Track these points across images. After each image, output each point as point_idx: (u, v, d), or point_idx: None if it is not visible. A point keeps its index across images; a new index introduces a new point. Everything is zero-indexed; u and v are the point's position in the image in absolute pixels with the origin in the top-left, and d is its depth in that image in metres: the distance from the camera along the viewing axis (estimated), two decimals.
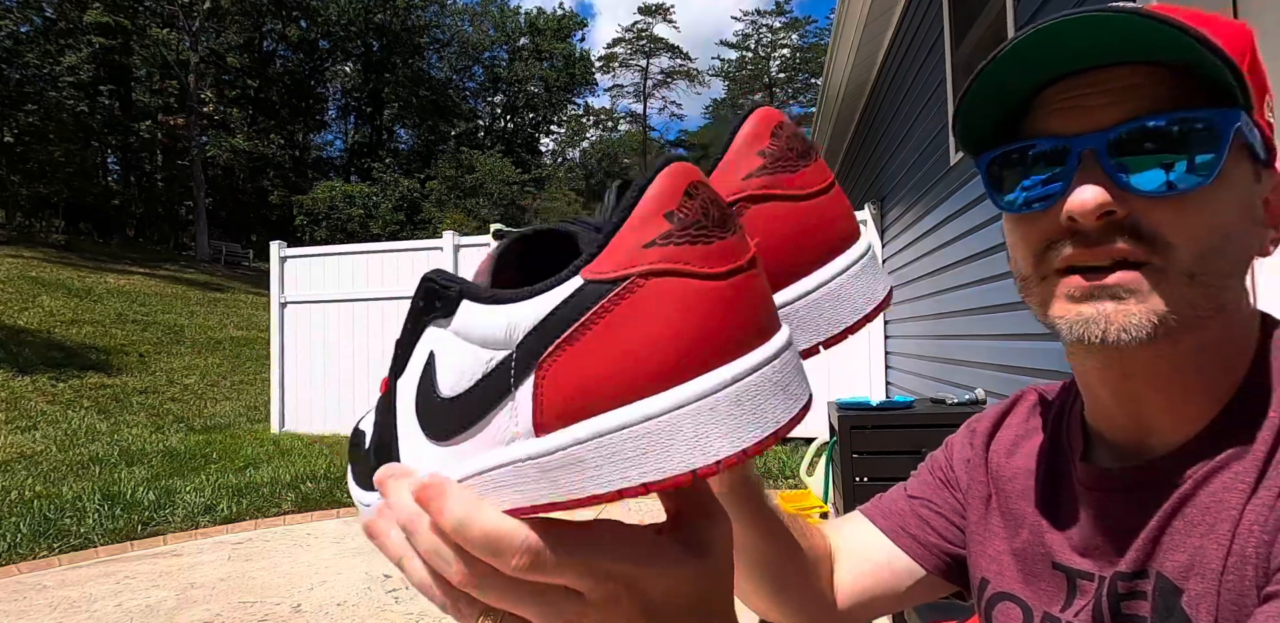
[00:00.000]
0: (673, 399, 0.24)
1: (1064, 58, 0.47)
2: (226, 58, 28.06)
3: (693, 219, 0.25)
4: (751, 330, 0.26)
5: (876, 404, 2.99)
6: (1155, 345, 0.46)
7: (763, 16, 46.03)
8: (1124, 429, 0.54)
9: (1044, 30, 0.45)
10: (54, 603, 3.03)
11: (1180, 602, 0.45)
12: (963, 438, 0.71)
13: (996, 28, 3.19)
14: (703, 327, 0.24)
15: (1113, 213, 0.45)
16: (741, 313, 0.25)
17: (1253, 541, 0.42)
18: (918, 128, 4.68)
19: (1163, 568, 0.47)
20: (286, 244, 7.25)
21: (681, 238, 0.25)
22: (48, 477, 5.15)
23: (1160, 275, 0.45)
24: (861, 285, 0.40)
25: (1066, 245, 0.47)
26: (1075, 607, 0.54)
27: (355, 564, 3.43)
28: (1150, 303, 0.45)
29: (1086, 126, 0.47)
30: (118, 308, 12.24)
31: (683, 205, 0.25)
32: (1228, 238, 0.46)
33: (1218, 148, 0.44)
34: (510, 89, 39.03)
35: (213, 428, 7.40)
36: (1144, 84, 0.46)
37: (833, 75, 6.54)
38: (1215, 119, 0.44)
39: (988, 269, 3.29)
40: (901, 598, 0.70)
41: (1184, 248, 0.45)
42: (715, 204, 0.26)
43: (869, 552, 0.70)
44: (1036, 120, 0.50)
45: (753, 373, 0.25)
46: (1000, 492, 0.64)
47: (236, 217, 30.44)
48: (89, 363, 9.11)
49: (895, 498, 0.73)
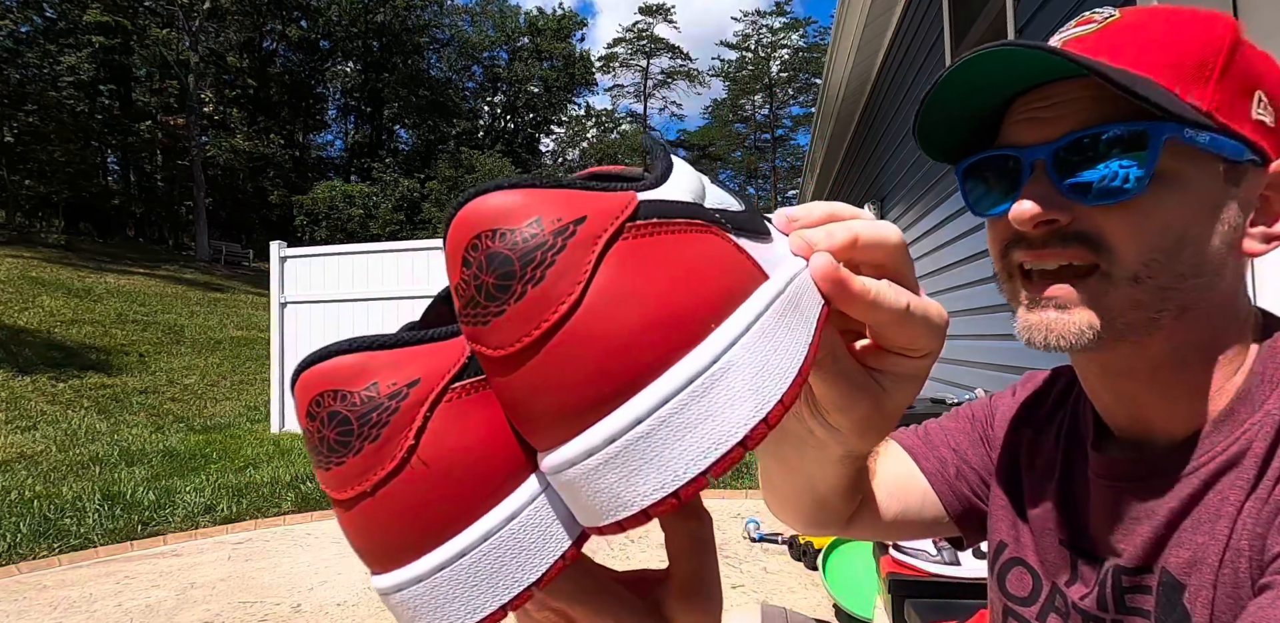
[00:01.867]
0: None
1: (1003, 82, 0.51)
2: (226, 58, 28.05)
3: (313, 443, 0.25)
4: (391, 549, 0.25)
5: None
6: (1119, 347, 0.49)
7: (763, 17, 46.07)
8: (1126, 424, 0.55)
9: (965, 61, 0.49)
10: (54, 603, 3.03)
11: (1182, 597, 0.46)
12: (1007, 400, 0.73)
13: (996, 27, 3.19)
14: (354, 549, 0.26)
15: (1054, 221, 0.49)
16: (372, 537, 0.25)
17: (1246, 534, 0.43)
18: None
19: (1167, 564, 0.48)
20: (286, 244, 7.24)
21: (312, 458, 0.26)
22: (48, 477, 5.14)
23: (1105, 279, 0.48)
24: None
25: (1018, 249, 0.52)
26: (1079, 588, 0.55)
27: (355, 564, 3.43)
28: (1091, 311, 0.48)
29: (1038, 138, 0.50)
30: (118, 308, 12.24)
31: (306, 426, 0.25)
32: (1181, 240, 0.47)
33: (1147, 159, 0.46)
34: (510, 89, 39.02)
35: (213, 428, 7.40)
36: (1089, 97, 0.49)
37: (833, 75, 6.53)
38: (1145, 130, 0.46)
39: (988, 269, 3.29)
40: (914, 530, 0.73)
41: (1126, 251, 0.47)
42: (331, 425, 0.25)
43: (909, 487, 0.72)
44: (1004, 129, 0.54)
45: (399, 591, 0.25)
46: (1026, 464, 0.66)
47: (236, 217, 30.43)
48: (89, 363, 9.11)
49: (936, 443, 0.75)
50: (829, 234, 0.30)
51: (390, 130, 36.72)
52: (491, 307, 0.23)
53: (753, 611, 0.87)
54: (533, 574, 0.25)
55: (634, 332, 0.23)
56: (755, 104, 46.36)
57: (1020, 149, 0.51)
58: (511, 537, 0.25)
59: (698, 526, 0.31)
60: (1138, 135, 0.46)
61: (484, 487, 0.25)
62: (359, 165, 33.48)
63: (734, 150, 46.81)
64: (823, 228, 0.30)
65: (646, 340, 0.23)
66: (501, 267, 0.23)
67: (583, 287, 0.23)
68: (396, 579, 0.25)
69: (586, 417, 0.23)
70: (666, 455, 0.23)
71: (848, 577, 2.59)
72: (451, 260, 0.24)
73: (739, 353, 0.24)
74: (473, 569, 0.25)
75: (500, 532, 0.25)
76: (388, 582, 0.25)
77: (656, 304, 0.23)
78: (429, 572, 0.25)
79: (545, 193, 0.24)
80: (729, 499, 4.45)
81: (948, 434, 0.75)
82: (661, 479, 0.23)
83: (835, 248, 0.29)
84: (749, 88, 45.76)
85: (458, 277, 0.24)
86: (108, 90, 23.82)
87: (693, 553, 0.31)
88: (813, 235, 0.30)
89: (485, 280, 0.23)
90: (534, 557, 0.25)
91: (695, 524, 0.31)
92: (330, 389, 0.25)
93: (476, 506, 0.25)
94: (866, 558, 2.54)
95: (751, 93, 45.73)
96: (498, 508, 0.25)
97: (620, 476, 0.23)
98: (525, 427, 0.24)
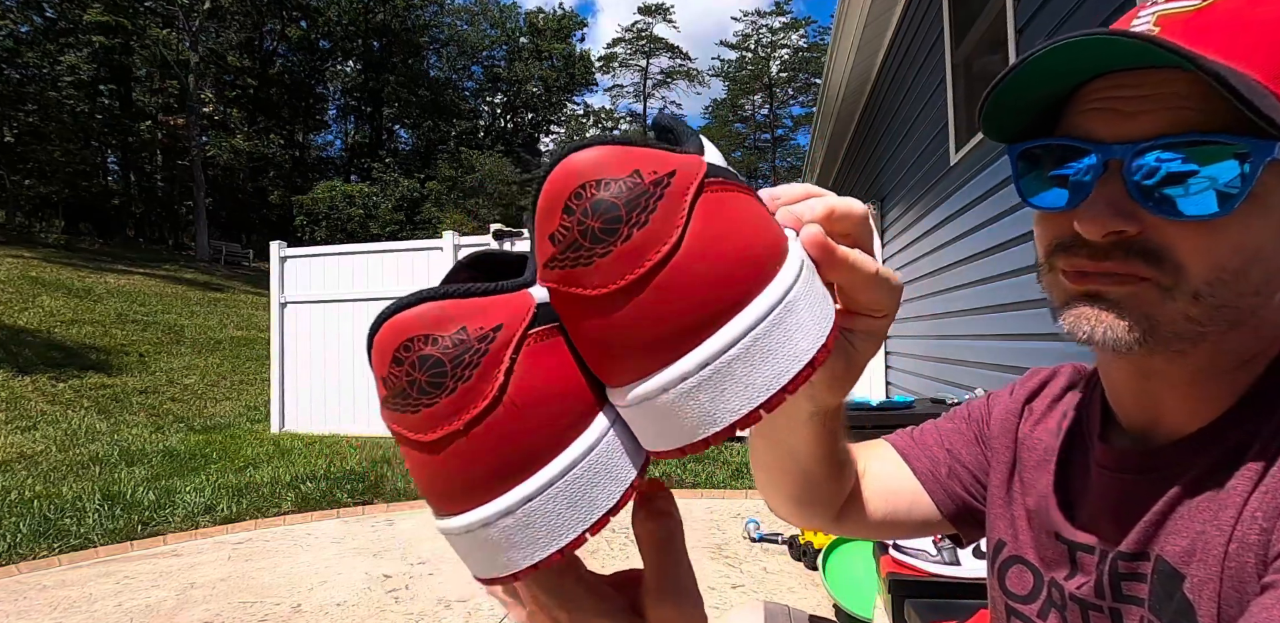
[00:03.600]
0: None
1: (1086, 67, 0.46)
2: (226, 58, 28.04)
3: (399, 387, 0.27)
4: (477, 487, 0.27)
5: (876, 404, 2.99)
6: (1163, 354, 0.47)
7: (763, 17, 46.08)
8: (1140, 418, 0.54)
9: (1052, 48, 0.44)
10: (54, 603, 3.03)
11: (1183, 587, 0.45)
12: (1004, 399, 0.72)
13: (996, 27, 3.19)
14: (428, 493, 0.28)
15: (1122, 232, 0.45)
16: (457, 478, 0.27)
17: (1255, 528, 0.42)
18: (918, 128, 4.68)
19: (1163, 551, 0.47)
20: (286, 244, 7.24)
21: (392, 405, 0.27)
22: (48, 477, 5.14)
23: (1165, 292, 0.44)
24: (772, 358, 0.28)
25: (1069, 254, 0.48)
26: (1077, 580, 0.55)
27: (355, 564, 3.43)
28: (1143, 316, 0.45)
29: (1116, 134, 0.45)
30: (118, 308, 12.24)
31: (391, 372, 0.27)
32: (1255, 259, 0.44)
33: (1242, 181, 0.41)
34: (510, 89, 39.00)
35: (213, 428, 7.40)
36: (1182, 94, 0.43)
37: (833, 75, 6.53)
38: (1244, 148, 0.41)
39: (988, 269, 3.29)
40: (906, 530, 0.73)
41: (1195, 271, 0.44)
42: (422, 368, 0.26)
43: (898, 487, 0.72)
44: (1072, 117, 0.48)
45: (490, 525, 0.27)
46: (1021, 459, 0.65)
47: (236, 217, 30.42)
48: (89, 363, 9.11)
49: (929, 444, 0.75)
50: (810, 208, 0.34)
51: (390, 130, 36.71)
52: (597, 249, 0.26)
53: (756, 608, 0.87)
54: (609, 501, 0.28)
55: (724, 269, 0.26)
56: (755, 104, 46.36)
57: (1096, 144, 0.45)
58: (590, 467, 0.28)
59: (668, 524, 0.32)
60: (1240, 153, 0.41)
61: (564, 421, 0.28)
62: (359, 165, 33.46)
63: (734, 150, 46.80)
64: (804, 203, 0.34)
65: (733, 277, 0.26)
66: (608, 212, 0.26)
67: (680, 230, 0.26)
68: (482, 514, 0.27)
69: (683, 345, 0.26)
70: (753, 376, 0.26)
71: (848, 577, 2.59)
72: (548, 210, 0.27)
73: (800, 289, 0.28)
74: (560, 498, 0.27)
75: (582, 462, 0.28)
76: (471, 518, 0.27)
77: (738, 247, 0.27)
78: (517, 504, 0.27)
79: (638, 150, 0.27)
80: (729, 499, 4.44)
81: (941, 434, 0.75)
82: (749, 396, 0.26)
83: (817, 219, 0.33)
84: (749, 88, 45.76)
85: (555, 224, 0.26)
86: (108, 90, 23.81)
87: (664, 551, 0.32)
88: (799, 208, 0.34)
89: (591, 225, 0.26)
90: (610, 484, 0.28)
91: (666, 522, 0.32)
92: (421, 334, 0.26)
93: (559, 440, 0.28)
94: (866, 558, 2.54)
95: (751, 93, 45.72)
96: (577, 441, 0.28)
97: (711, 396, 0.26)
98: (615, 362, 0.27)
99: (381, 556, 3.56)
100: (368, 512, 4.47)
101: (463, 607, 2.85)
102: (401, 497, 4.62)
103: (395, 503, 4.57)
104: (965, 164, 3.59)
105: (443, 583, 3.13)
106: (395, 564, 3.40)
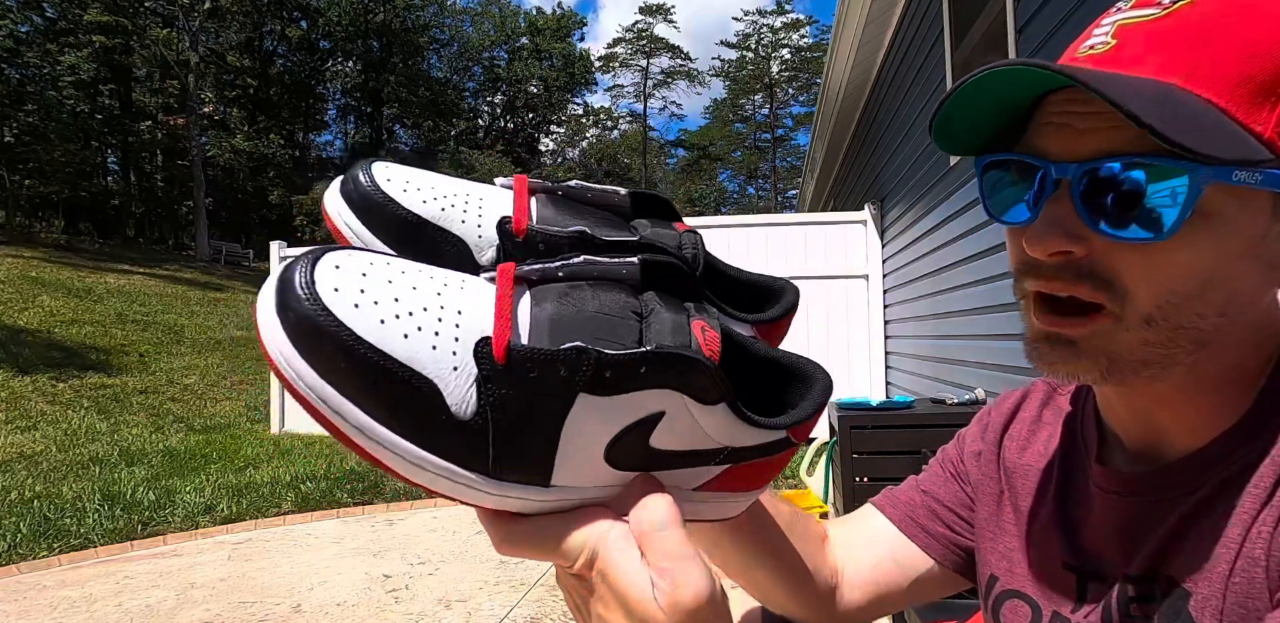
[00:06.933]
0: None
1: (1034, 81, 0.44)
2: (226, 58, 28.06)
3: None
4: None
5: (877, 404, 2.99)
6: (1135, 380, 0.46)
7: (763, 16, 46.04)
8: (1139, 435, 0.53)
9: (975, 77, 0.43)
10: (54, 603, 3.03)
11: (1188, 606, 0.44)
12: (975, 431, 0.71)
13: (996, 27, 3.19)
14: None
15: (1069, 253, 0.44)
16: None
17: (1261, 543, 0.41)
18: (918, 128, 4.67)
19: (1173, 571, 0.47)
20: (287, 244, 7.23)
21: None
22: (48, 477, 5.14)
23: (1115, 321, 0.44)
24: None
25: (1030, 277, 0.47)
26: (1085, 609, 0.53)
27: (355, 564, 3.43)
28: (1102, 354, 0.45)
29: (1067, 151, 0.44)
30: (118, 308, 12.24)
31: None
32: (1207, 282, 0.42)
33: (1181, 202, 0.40)
34: (510, 89, 39.03)
35: (213, 428, 7.40)
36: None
37: (833, 75, 6.53)
38: (1183, 171, 0.40)
39: (988, 269, 3.29)
40: (909, 593, 0.70)
41: (1143, 295, 0.43)
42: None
43: (875, 542, 0.70)
44: (1032, 130, 0.47)
45: None
46: (1012, 488, 0.63)
47: (236, 217, 30.43)
48: (89, 363, 9.11)
49: (906, 489, 0.73)
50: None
51: (390, 130, 36.73)
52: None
53: (753, 614, 0.86)
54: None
55: None
56: (755, 104, 46.36)
57: (1047, 161, 0.44)
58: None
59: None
60: (1176, 174, 0.40)
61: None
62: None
63: (734, 150, 46.80)
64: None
65: None
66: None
67: None
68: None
69: None
70: None
71: None
72: None
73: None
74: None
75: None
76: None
77: None
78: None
79: None
80: None
81: (916, 482, 0.74)
82: None
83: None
84: (749, 87, 45.75)
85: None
86: (108, 90, 23.82)
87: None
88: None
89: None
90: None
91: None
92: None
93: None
94: None
95: (752, 92, 45.71)
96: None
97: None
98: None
99: (381, 556, 3.56)
100: (368, 512, 4.47)
101: (463, 607, 2.85)
102: (401, 497, 4.62)
103: (395, 503, 4.57)
104: (965, 165, 3.59)
105: (443, 583, 3.13)
106: (395, 564, 3.40)
